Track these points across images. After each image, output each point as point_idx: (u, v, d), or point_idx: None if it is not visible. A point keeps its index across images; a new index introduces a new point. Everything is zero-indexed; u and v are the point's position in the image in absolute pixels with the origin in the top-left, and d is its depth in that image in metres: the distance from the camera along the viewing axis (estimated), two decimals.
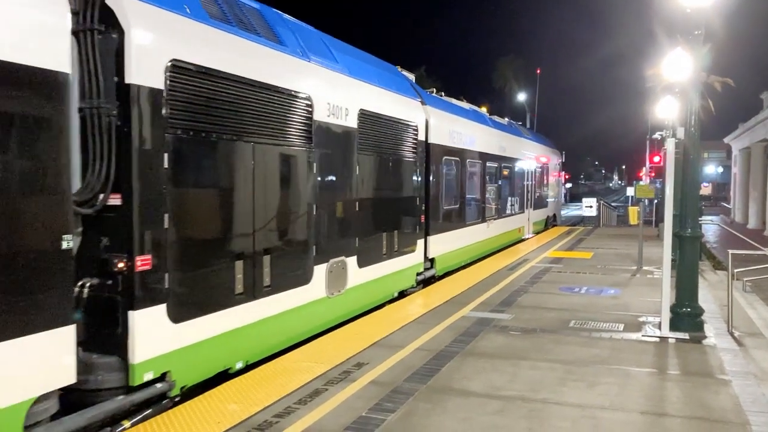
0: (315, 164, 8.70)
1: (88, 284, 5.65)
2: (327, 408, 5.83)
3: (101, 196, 5.64)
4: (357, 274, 9.98)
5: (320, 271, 8.86)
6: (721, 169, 78.99)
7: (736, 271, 9.62)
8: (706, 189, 74.50)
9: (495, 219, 19.22)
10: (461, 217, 15.90)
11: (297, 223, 8.38)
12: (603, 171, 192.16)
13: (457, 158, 15.47)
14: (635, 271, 14.59)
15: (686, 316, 8.80)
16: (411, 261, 12.27)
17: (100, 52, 5.65)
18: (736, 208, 43.96)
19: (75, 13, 5.51)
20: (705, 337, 8.58)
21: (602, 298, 11.35)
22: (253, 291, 7.34)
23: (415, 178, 12.53)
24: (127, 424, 5.68)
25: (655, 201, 26.86)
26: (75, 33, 5.49)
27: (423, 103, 13.47)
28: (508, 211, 21.19)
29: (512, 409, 5.90)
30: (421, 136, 12.84)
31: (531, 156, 24.94)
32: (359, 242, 10.08)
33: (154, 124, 5.99)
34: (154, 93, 5.96)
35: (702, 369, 7.25)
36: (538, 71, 51.97)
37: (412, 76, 14.75)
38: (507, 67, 61.69)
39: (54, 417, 5.09)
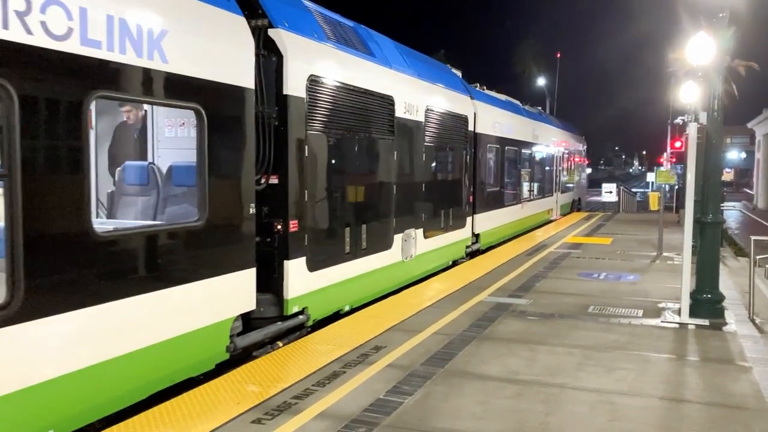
0: (395, 152, 10.60)
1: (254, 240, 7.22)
2: (345, 390, 5.88)
3: (265, 177, 7.53)
4: (423, 244, 11.85)
5: (398, 239, 10.80)
6: (743, 155, 77.86)
7: (758, 257, 9.51)
8: (728, 175, 73.52)
9: (528, 201, 21.07)
10: (501, 199, 17.87)
11: (384, 200, 10.37)
12: (623, 156, 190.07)
13: (498, 146, 17.36)
14: (655, 257, 14.48)
15: (707, 302, 8.73)
16: (462, 235, 14.21)
17: (265, 71, 7.44)
18: (758, 194, 43.39)
19: None
20: (725, 323, 8.52)
21: (621, 283, 11.30)
22: (356, 251, 9.35)
23: (466, 163, 14.44)
24: (280, 344, 7.65)
25: (676, 187, 26.60)
26: None
27: (471, 97, 15.25)
28: (539, 194, 22.95)
29: (529, 393, 5.91)
30: (470, 127, 14.71)
31: (559, 142, 26.33)
32: (424, 217, 11.96)
33: (300, 124, 7.89)
34: (299, 101, 7.87)
35: (722, 355, 7.21)
36: (558, 55, 51.40)
37: (459, 73, 16.16)
38: (527, 51, 61.01)
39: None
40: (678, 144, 34.41)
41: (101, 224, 5.57)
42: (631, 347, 7.40)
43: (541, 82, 52.97)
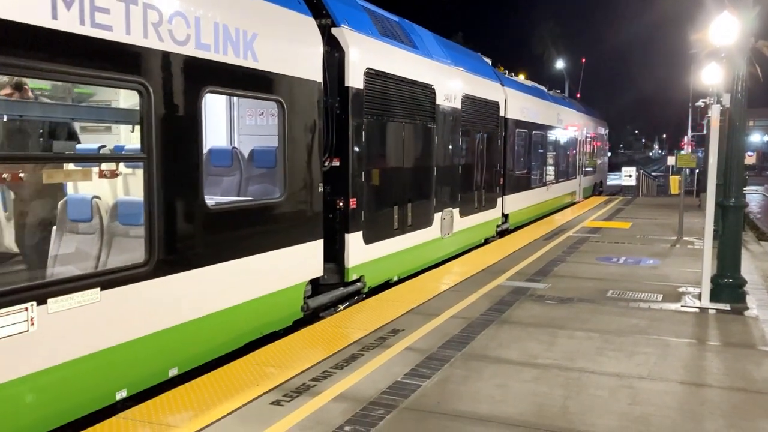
0: (436, 137, 11.49)
1: None
2: (363, 373, 5.90)
3: (329, 159, 8.47)
4: (459, 222, 12.81)
5: (437, 217, 11.71)
6: (767, 138, 76.72)
7: None
8: (750, 158, 72.49)
9: (553, 184, 22.04)
10: (528, 181, 18.77)
11: (426, 181, 11.30)
12: (643, 140, 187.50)
13: (526, 130, 18.24)
14: (675, 241, 14.34)
15: (728, 286, 8.63)
16: (493, 215, 15.24)
17: (329, 65, 8.26)
18: None
19: None
20: (747, 308, 8.43)
21: (641, 268, 11.20)
22: (403, 228, 10.32)
23: (497, 147, 15.42)
24: (341, 307, 8.65)
25: (697, 170, 26.26)
26: None
27: (502, 84, 16.14)
28: (563, 177, 23.87)
29: (549, 377, 5.89)
30: (501, 113, 15.62)
31: (582, 127, 27.07)
32: (460, 198, 12.87)
33: (358, 112, 8.86)
34: (358, 91, 8.84)
35: (743, 340, 7.13)
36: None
37: (489, 61, 17.07)
38: (547, 33, 60.39)
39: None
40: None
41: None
42: (651, 332, 7.34)
43: (560, 65, 52.43)
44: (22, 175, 6.67)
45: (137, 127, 5.58)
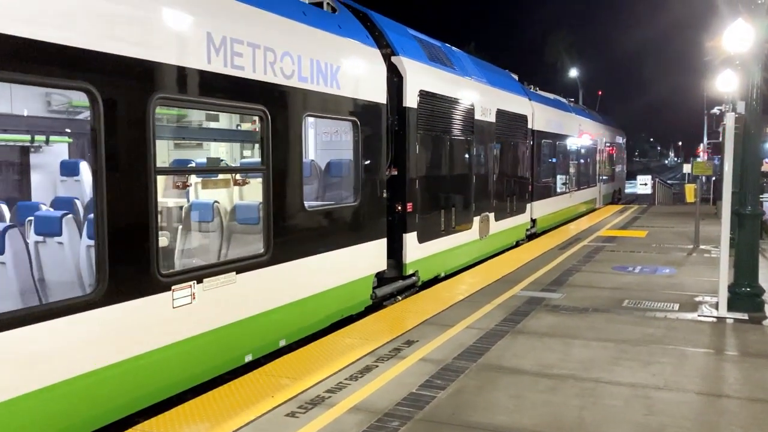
0: (474, 149, 12.78)
1: None
2: (378, 384, 5.90)
3: (389, 169, 9.65)
4: (495, 225, 14.08)
5: (476, 221, 12.98)
6: None
7: None
8: (767, 165, 71.77)
9: (576, 191, 23.29)
10: (553, 189, 20.02)
11: (467, 188, 12.56)
12: (658, 147, 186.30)
13: (551, 141, 19.63)
14: (691, 250, 14.23)
15: (745, 295, 8.55)
16: (523, 219, 16.48)
17: (390, 89, 9.51)
18: None
19: None
20: (765, 317, 8.33)
21: (657, 277, 11.12)
22: (448, 229, 11.55)
23: (526, 157, 16.66)
24: (400, 298, 9.88)
25: (713, 178, 26.06)
26: None
27: (529, 99, 17.34)
28: (585, 185, 25.07)
29: (564, 387, 5.86)
30: (529, 125, 16.90)
31: (601, 136, 28.17)
32: (495, 203, 14.15)
33: (413, 128, 10.08)
34: (413, 110, 10.07)
35: (762, 350, 7.05)
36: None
37: (515, 77, 18.25)
38: (560, 42, 60.33)
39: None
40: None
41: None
42: (668, 341, 7.29)
43: (573, 73, 52.31)
44: (188, 183, 8.74)
45: (257, 145, 6.95)
